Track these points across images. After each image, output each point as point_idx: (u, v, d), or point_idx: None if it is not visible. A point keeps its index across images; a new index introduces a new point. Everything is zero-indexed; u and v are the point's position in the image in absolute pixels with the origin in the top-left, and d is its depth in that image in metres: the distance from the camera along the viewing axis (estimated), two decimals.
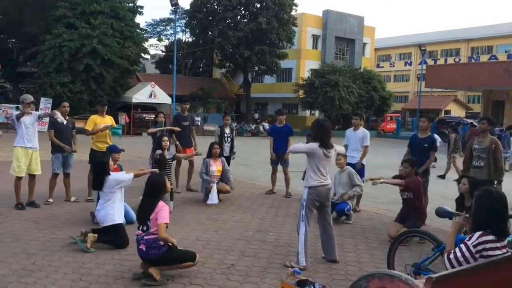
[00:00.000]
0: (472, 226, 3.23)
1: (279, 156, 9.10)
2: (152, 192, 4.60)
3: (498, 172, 6.94)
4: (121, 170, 6.45)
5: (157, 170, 6.56)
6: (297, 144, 5.60)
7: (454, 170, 13.31)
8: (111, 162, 6.08)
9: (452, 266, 3.09)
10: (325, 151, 5.10)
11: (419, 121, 7.72)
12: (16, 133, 7.37)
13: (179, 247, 4.66)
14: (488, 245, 3.05)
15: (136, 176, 5.93)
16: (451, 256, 3.13)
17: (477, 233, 3.10)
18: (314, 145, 5.12)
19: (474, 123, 27.87)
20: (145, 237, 4.44)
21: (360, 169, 7.88)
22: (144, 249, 4.44)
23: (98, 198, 6.23)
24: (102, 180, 5.67)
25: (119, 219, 5.60)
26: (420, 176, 6.45)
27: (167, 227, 4.53)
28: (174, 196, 7.76)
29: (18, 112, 7.33)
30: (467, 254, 3.05)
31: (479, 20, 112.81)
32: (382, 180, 6.21)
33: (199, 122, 27.17)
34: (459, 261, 3.08)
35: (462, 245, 3.11)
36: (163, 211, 4.48)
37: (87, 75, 26.32)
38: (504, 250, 3.10)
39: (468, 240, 3.10)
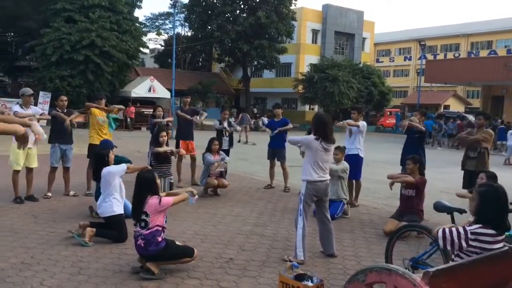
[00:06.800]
0: (475, 221, 3.25)
1: (275, 151, 9.16)
2: (141, 186, 4.61)
3: (481, 156, 6.96)
4: (120, 158, 6.48)
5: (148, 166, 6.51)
6: (294, 136, 5.56)
7: None
8: (111, 155, 6.05)
9: (443, 237, 3.16)
10: (324, 145, 5.09)
11: (412, 115, 7.81)
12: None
13: (177, 242, 4.67)
14: (486, 238, 3.08)
15: (129, 169, 5.85)
16: (446, 230, 3.19)
17: (478, 225, 3.15)
18: (310, 137, 5.13)
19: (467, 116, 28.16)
20: (144, 233, 4.43)
21: (357, 162, 7.88)
22: (142, 244, 4.43)
23: (97, 192, 6.24)
24: (100, 171, 5.71)
25: (118, 209, 5.61)
26: (423, 174, 6.51)
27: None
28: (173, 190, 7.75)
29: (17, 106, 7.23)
30: (462, 235, 3.10)
31: (479, 15, 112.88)
32: (395, 180, 6.31)
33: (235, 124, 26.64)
34: (452, 236, 3.13)
35: (460, 227, 3.17)
36: (163, 201, 4.51)
37: (85, 67, 26.26)
38: (501, 244, 3.13)
39: (468, 226, 3.17)
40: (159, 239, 4.45)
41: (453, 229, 3.18)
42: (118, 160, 6.25)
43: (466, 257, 3.08)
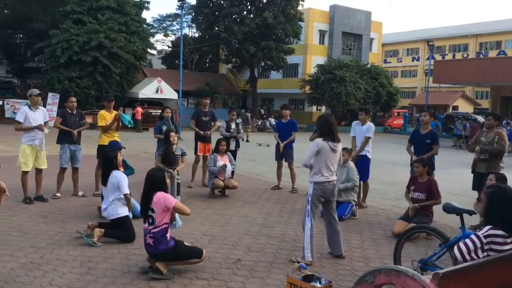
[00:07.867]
0: (484, 222, 3.24)
1: (283, 152, 9.14)
2: (150, 184, 4.64)
3: (493, 159, 6.74)
4: (125, 165, 6.50)
5: None
6: (306, 156, 5.21)
7: None
8: (119, 157, 6.08)
9: (462, 256, 3.12)
10: (332, 145, 5.09)
11: (421, 115, 7.61)
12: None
13: (185, 243, 4.68)
14: (497, 239, 3.08)
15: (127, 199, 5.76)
16: (462, 246, 3.16)
17: (488, 227, 3.14)
18: (318, 142, 5.10)
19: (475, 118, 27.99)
20: (152, 231, 4.46)
21: (365, 163, 7.84)
22: (151, 243, 4.46)
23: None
24: (108, 174, 5.73)
25: (123, 211, 5.64)
26: (432, 176, 6.45)
27: None
28: (181, 191, 7.76)
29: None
30: (478, 243, 3.09)
31: (488, 15, 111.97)
32: (417, 206, 6.29)
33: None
34: (470, 250, 3.11)
35: (473, 236, 3.15)
36: (167, 198, 4.53)
37: (94, 68, 26.42)
38: (511, 246, 3.10)
39: (479, 232, 3.16)
40: (168, 236, 4.47)
41: (468, 241, 3.14)
42: (125, 166, 6.36)
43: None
